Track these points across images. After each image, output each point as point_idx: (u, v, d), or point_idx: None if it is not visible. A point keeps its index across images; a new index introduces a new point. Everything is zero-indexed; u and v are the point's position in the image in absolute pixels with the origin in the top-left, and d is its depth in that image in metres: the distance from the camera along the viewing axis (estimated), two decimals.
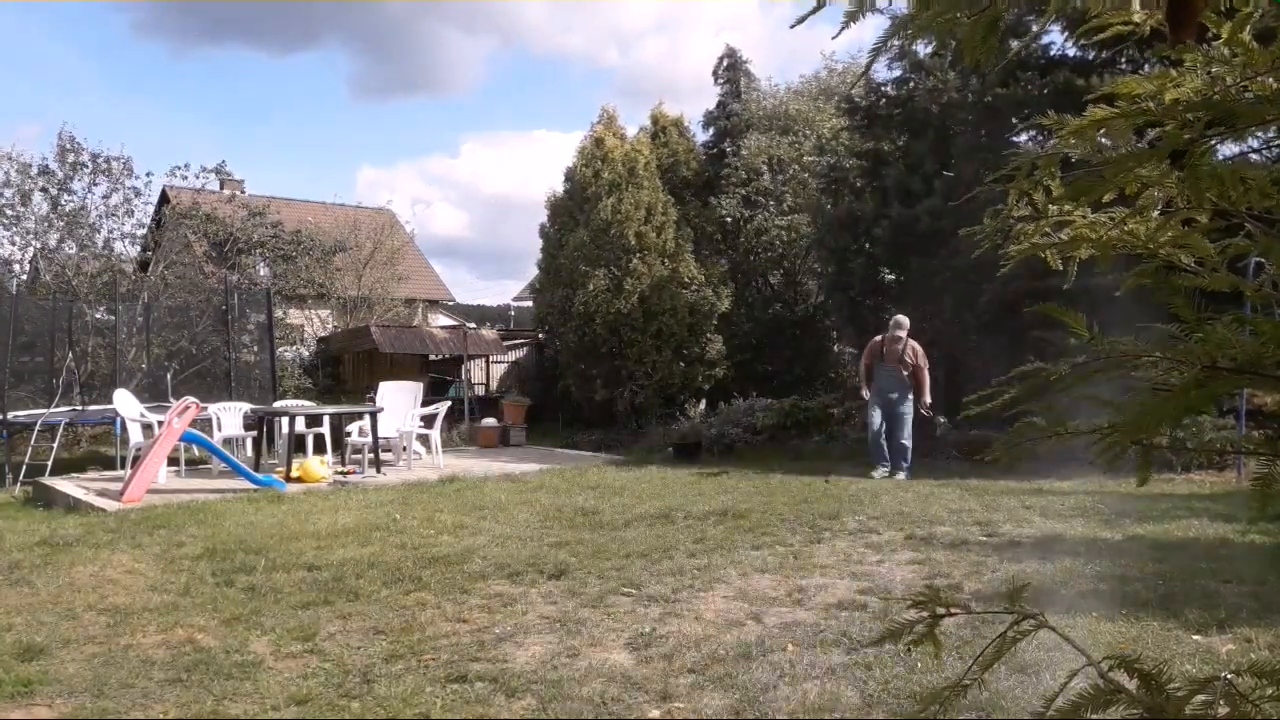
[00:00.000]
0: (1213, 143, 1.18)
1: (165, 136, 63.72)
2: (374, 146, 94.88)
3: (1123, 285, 1.30)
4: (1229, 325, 1.09)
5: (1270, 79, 1.08)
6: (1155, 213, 1.23)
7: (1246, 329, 1.13)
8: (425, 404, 10.88)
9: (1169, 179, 1.17)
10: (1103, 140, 1.24)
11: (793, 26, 1.25)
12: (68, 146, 15.33)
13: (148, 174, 16.32)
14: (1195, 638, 3.81)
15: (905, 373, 9.67)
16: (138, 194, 16.09)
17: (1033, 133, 8.45)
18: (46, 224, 15.34)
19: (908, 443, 9.65)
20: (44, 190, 15.30)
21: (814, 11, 1.21)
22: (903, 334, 9.68)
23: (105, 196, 15.62)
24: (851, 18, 1.22)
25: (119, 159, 15.57)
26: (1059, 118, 1.25)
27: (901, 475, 9.38)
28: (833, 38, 1.33)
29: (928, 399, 9.68)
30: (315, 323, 18.01)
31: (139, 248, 16.58)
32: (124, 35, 61.47)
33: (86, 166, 15.36)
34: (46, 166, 15.29)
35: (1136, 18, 1.25)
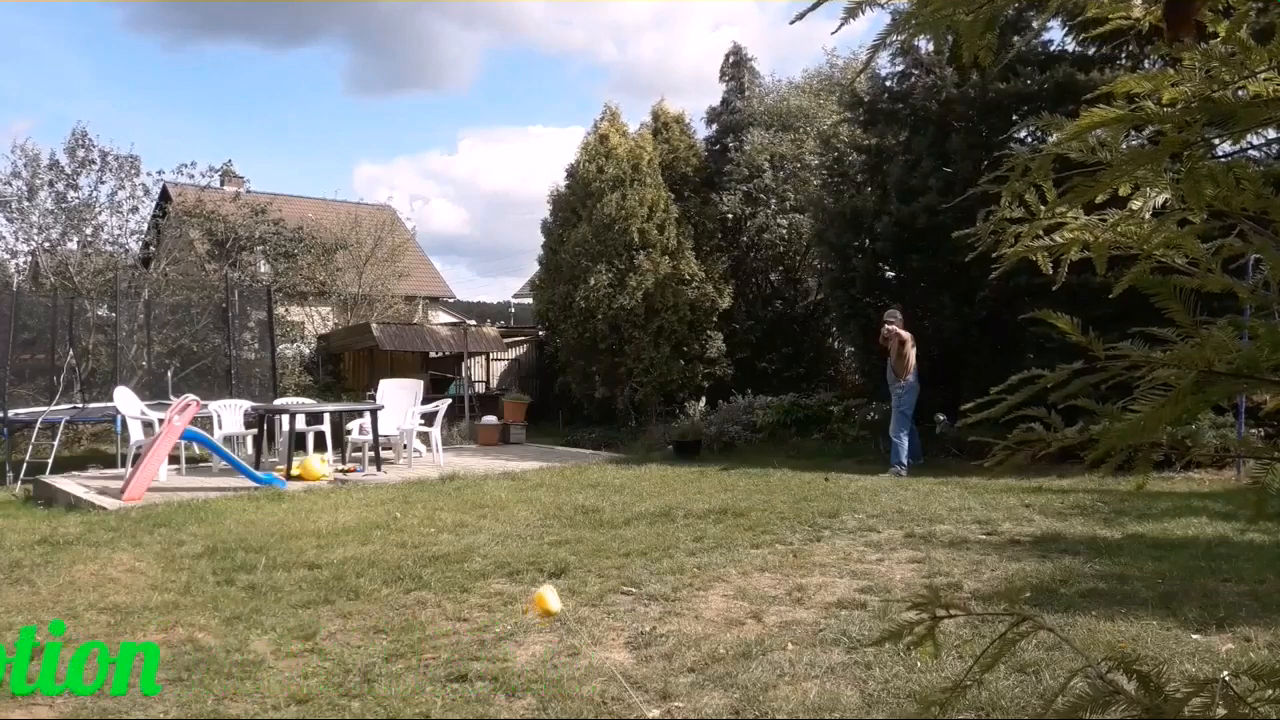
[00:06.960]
0: (1214, 143, 1.17)
1: (159, 131, 63.64)
2: (371, 142, 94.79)
3: (1115, 288, 1.29)
4: (1225, 329, 1.09)
5: (1268, 78, 1.07)
6: (1148, 215, 1.22)
7: (1245, 334, 1.13)
8: (426, 401, 10.89)
9: (1162, 179, 1.16)
10: (1099, 135, 1.23)
11: (792, 23, 1.24)
12: (79, 143, 15.28)
13: (160, 172, 16.20)
14: (1195, 636, 3.81)
15: (890, 360, 9.63)
16: (146, 192, 16.11)
17: (1032, 128, 8.42)
18: (51, 218, 15.29)
19: (893, 439, 9.41)
20: (50, 184, 15.24)
21: (813, 8, 1.21)
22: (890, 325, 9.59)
23: (112, 194, 15.62)
24: (851, 14, 1.22)
25: (129, 158, 15.56)
26: (1054, 118, 1.24)
27: (892, 473, 9.16)
28: (831, 33, 1.34)
29: (904, 379, 9.49)
30: (316, 320, 17.97)
31: (141, 244, 16.57)
32: (116, 30, 61.37)
33: (95, 163, 15.33)
34: (56, 161, 15.26)
35: (1136, 13, 1.24)
